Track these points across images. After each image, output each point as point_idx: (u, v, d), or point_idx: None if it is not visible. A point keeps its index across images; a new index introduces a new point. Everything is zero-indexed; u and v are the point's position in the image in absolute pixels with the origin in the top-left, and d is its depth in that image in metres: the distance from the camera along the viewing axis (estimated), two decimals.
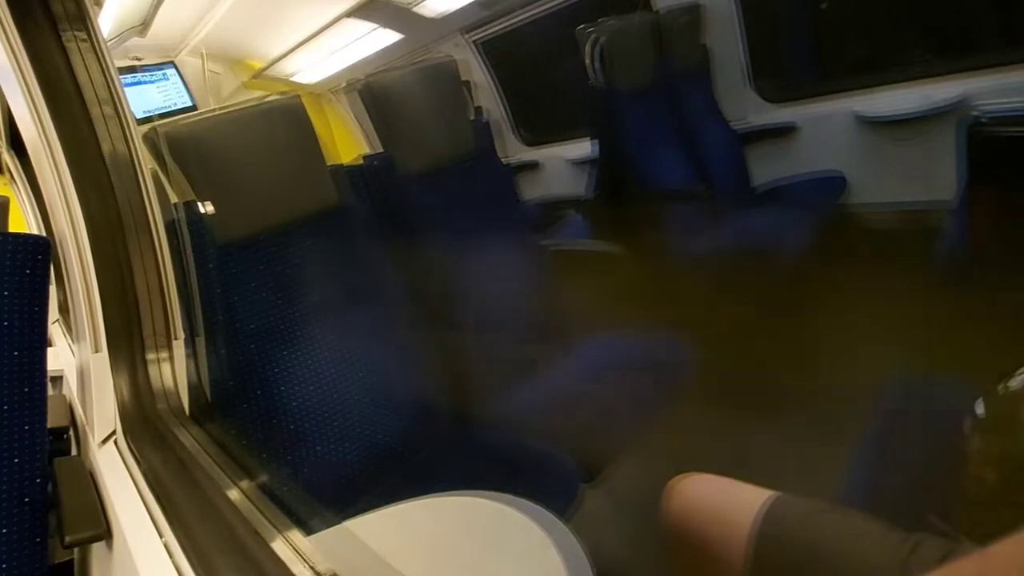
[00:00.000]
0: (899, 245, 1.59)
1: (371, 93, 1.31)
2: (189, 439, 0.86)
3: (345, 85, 2.61)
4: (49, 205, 1.01)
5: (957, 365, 0.94)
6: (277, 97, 1.31)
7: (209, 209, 1.04)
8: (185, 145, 1.04)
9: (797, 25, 1.92)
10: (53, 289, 1.76)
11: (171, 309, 0.98)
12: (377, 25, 2.33)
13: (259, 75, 2.66)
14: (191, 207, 1.03)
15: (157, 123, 1.07)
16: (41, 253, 0.86)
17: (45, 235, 1.30)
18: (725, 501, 0.62)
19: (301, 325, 1.08)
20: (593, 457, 1.02)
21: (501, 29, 2.27)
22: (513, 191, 1.65)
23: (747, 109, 1.90)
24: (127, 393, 0.94)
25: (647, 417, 1.12)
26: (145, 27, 2.25)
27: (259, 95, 2.64)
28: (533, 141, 2.52)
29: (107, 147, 0.93)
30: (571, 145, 2.35)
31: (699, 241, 1.66)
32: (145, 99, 2.43)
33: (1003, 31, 1.48)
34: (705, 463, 0.67)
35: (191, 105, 2.56)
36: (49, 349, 0.91)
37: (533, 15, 2.15)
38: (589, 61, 1.71)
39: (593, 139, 1.87)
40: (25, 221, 2.77)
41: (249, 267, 1.06)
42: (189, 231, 1.03)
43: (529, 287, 1.44)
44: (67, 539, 0.76)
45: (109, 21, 2.07)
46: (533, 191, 2.49)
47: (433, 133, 1.37)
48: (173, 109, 2.51)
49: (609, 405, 1.14)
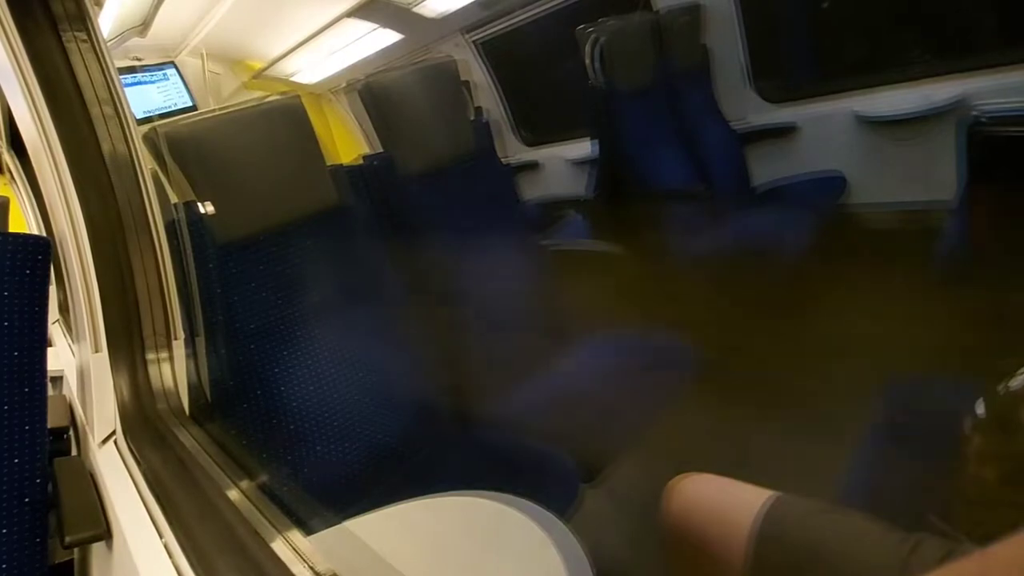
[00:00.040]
0: (899, 245, 1.59)
1: (371, 93, 1.31)
2: (189, 439, 0.86)
3: (345, 85, 2.61)
4: (49, 205, 1.01)
5: (957, 365, 0.94)
6: (277, 97, 1.31)
7: (209, 209, 1.04)
8: (185, 145, 1.04)
9: (797, 25, 1.92)
10: (53, 289, 1.76)
11: (171, 309, 0.98)
12: (377, 25, 2.33)
13: (259, 75, 2.66)
14: (191, 207, 1.03)
15: (157, 123, 1.07)
16: (41, 253, 0.86)
17: (45, 235, 1.30)
18: (725, 501, 0.62)
19: (301, 325, 1.08)
20: (593, 457, 1.02)
21: (501, 29, 2.27)
22: (513, 191, 1.65)
23: (747, 109, 1.90)
24: (127, 393, 0.94)
25: (647, 417, 1.12)
26: (145, 27, 2.25)
27: (259, 95, 2.64)
28: (533, 141, 2.52)
29: (107, 147, 0.93)
30: (571, 145, 2.34)
31: (699, 241, 1.66)
32: (145, 99, 2.43)
33: (1003, 31, 1.48)
34: (705, 463, 0.67)
35: (191, 105, 2.56)
36: (49, 349, 0.91)
37: (533, 15, 2.15)
38: (589, 61, 1.71)
39: (593, 139, 1.87)
40: (25, 221, 2.77)
41: (249, 267, 1.06)
42: (189, 231, 1.03)
43: (529, 287, 1.44)
44: (67, 539, 0.76)
45: (109, 21, 2.07)
46: (533, 191, 2.48)
47: (433, 133, 1.37)
48: (173, 109, 2.51)
49: (609, 405, 1.14)
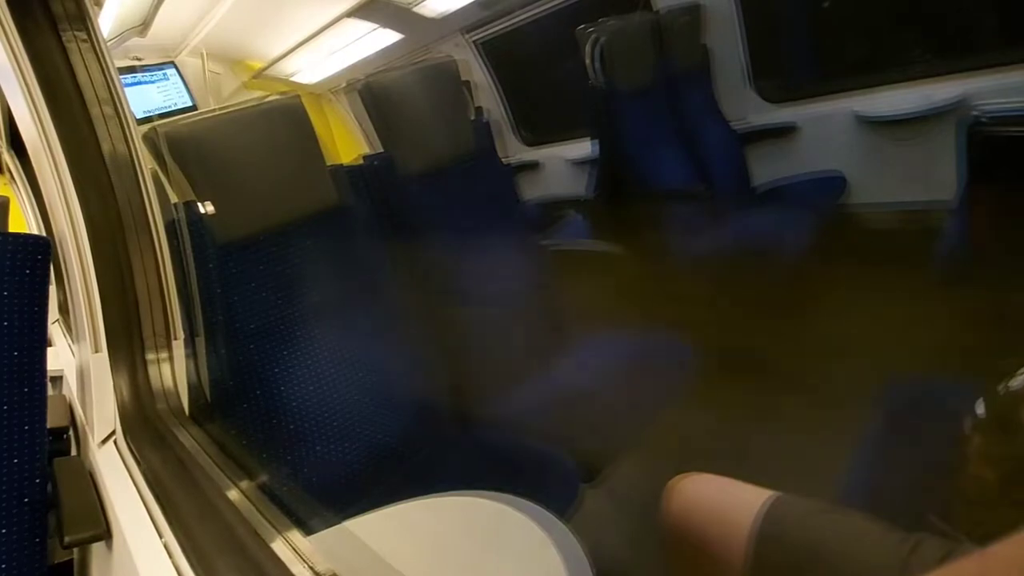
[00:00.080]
0: (899, 245, 1.59)
1: (371, 93, 1.31)
2: (189, 439, 0.86)
3: (345, 85, 2.61)
4: (49, 205, 1.01)
5: (957, 365, 0.94)
6: (277, 97, 1.31)
7: (209, 209, 1.04)
8: (185, 145, 1.04)
9: (797, 25, 1.92)
10: (53, 289, 1.76)
11: (171, 309, 0.98)
12: (377, 25, 2.33)
13: (259, 75, 2.66)
14: (191, 207, 1.03)
15: (157, 123, 1.07)
16: (41, 253, 0.86)
17: (45, 235, 1.30)
18: (725, 501, 0.62)
19: (301, 325, 1.08)
20: (593, 457, 1.02)
21: (501, 29, 2.27)
22: (513, 191, 1.65)
23: (747, 109, 1.90)
24: (127, 393, 0.94)
25: (647, 417, 1.12)
26: (145, 27, 2.25)
27: (259, 95, 2.64)
28: (533, 141, 2.52)
29: (107, 147, 0.93)
30: (571, 145, 2.35)
31: (699, 241, 1.66)
32: (145, 99, 2.43)
33: (1003, 31, 1.48)
34: (705, 462, 0.67)
35: (191, 105, 2.56)
36: (49, 349, 0.91)
37: (533, 15, 2.15)
38: (589, 61, 1.71)
39: (593, 139, 1.87)
40: (25, 221, 2.77)
41: (249, 267, 1.06)
42: (189, 231, 1.03)
43: (529, 287, 1.44)
44: (67, 539, 0.76)
45: (109, 21, 2.07)
46: (533, 191, 2.48)
47: (433, 133, 1.37)
48: (173, 109, 2.51)
49: (609, 405, 1.14)
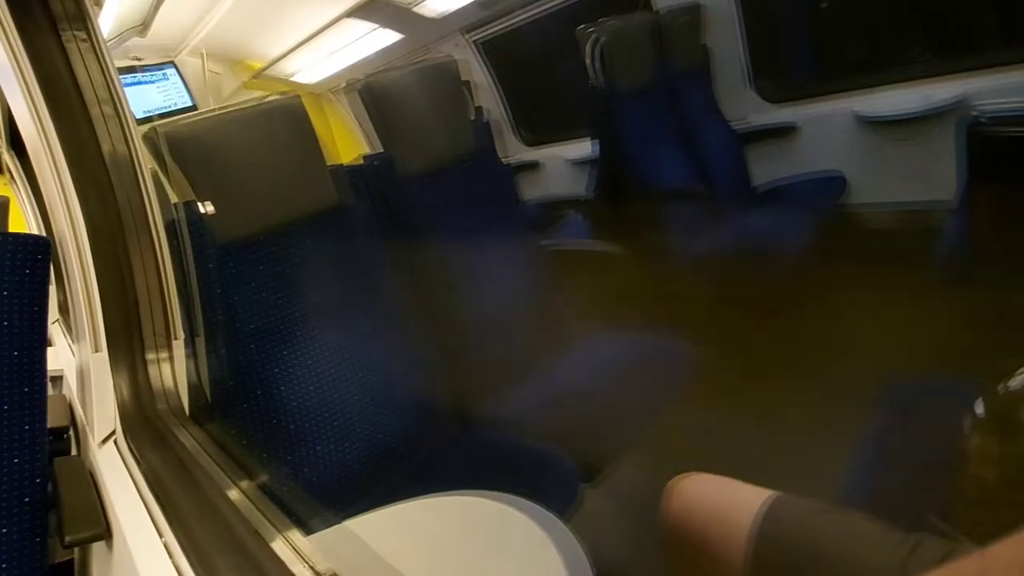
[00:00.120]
0: (899, 245, 1.59)
1: (371, 93, 1.31)
2: (189, 439, 0.86)
3: (345, 85, 2.61)
4: (49, 205, 1.01)
5: (957, 365, 0.94)
6: (277, 97, 1.31)
7: (209, 209, 1.04)
8: (185, 145, 1.04)
9: (797, 25, 1.92)
10: (53, 289, 1.76)
11: (171, 309, 0.98)
12: (377, 25, 2.33)
13: (259, 75, 2.66)
14: (191, 207, 1.03)
15: (157, 123, 1.07)
16: (41, 253, 0.86)
17: (45, 235, 1.30)
18: (725, 501, 0.62)
19: (301, 325, 1.08)
20: (593, 457, 1.02)
21: (501, 29, 2.27)
22: (513, 191, 1.65)
23: (747, 109, 1.90)
24: (127, 393, 0.94)
25: (647, 416, 1.12)
26: (145, 27, 2.25)
27: (259, 95, 2.64)
28: (533, 141, 2.52)
29: (107, 147, 0.93)
30: (571, 145, 2.34)
31: (699, 241, 1.66)
32: (145, 99, 2.43)
33: (1003, 31, 1.48)
34: (705, 462, 0.67)
35: (191, 105, 2.56)
36: (49, 349, 0.91)
37: (533, 15, 2.15)
38: (589, 61, 1.71)
39: (593, 139, 1.87)
40: (25, 221, 2.77)
41: (249, 267, 1.06)
42: (189, 231, 1.03)
43: (529, 287, 1.44)
44: (67, 539, 0.76)
45: (109, 21, 2.07)
46: (533, 191, 2.48)
47: (433, 133, 1.37)
48: (173, 109, 2.51)
49: (609, 404, 1.14)
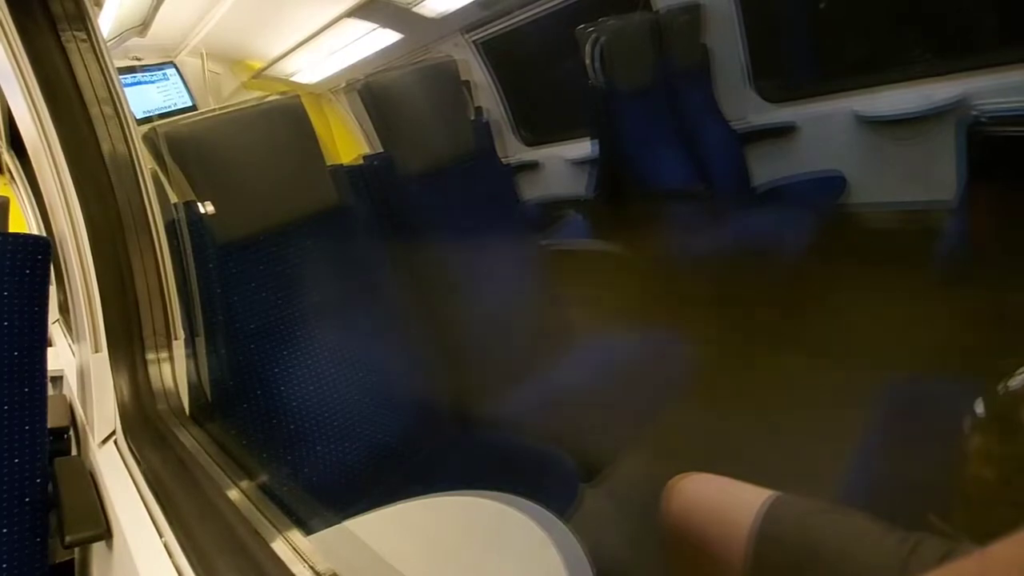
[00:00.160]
0: (899, 245, 1.59)
1: (371, 93, 1.31)
2: (189, 439, 0.86)
3: (345, 85, 2.61)
4: (49, 205, 1.01)
5: (957, 365, 0.94)
6: (277, 97, 1.31)
7: (209, 209, 1.04)
8: (185, 145, 1.04)
9: (797, 25, 1.92)
10: (53, 289, 1.76)
11: (171, 309, 0.98)
12: (377, 25, 2.33)
13: (259, 75, 2.66)
14: (191, 207, 1.03)
15: (157, 123, 1.07)
16: (41, 253, 0.86)
17: (45, 235, 1.30)
18: (725, 501, 0.62)
19: (301, 325, 1.08)
20: (593, 457, 1.02)
21: (501, 29, 2.27)
22: (513, 191, 1.65)
23: (747, 109, 1.90)
24: (127, 393, 0.94)
25: (646, 416, 1.12)
26: (145, 27, 2.25)
27: (259, 95, 2.64)
28: (533, 141, 2.52)
29: (107, 147, 0.93)
30: (571, 145, 2.34)
31: (699, 241, 1.66)
32: (145, 99, 2.43)
33: (1003, 31, 1.48)
34: (704, 462, 0.67)
35: (191, 105, 2.56)
36: (49, 349, 0.91)
37: (533, 15, 2.15)
38: (589, 61, 1.71)
39: (593, 139, 1.87)
40: (25, 221, 2.77)
41: (249, 267, 1.06)
42: (189, 231, 1.03)
43: (529, 287, 1.44)
44: (67, 539, 0.76)
45: (109, 21, 2.07)
46: (533, 191, 2.48)
47: (433, 133, 1.37)
48: (173, 109, 2.51)
49: (609, 404, 1.14)
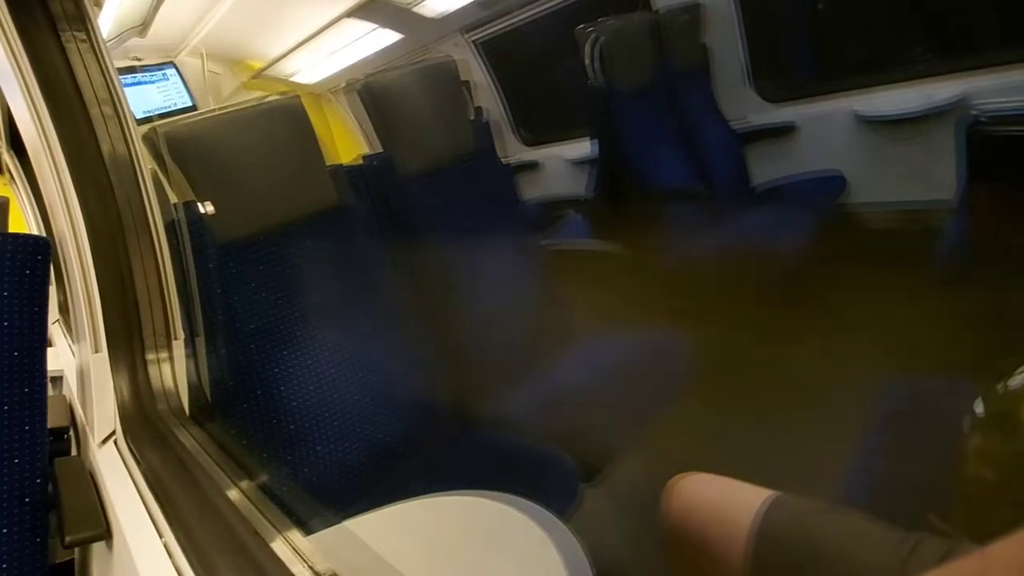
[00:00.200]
0: (899, 244, 1.59)
1: (371, 93, 1.31)
2: (189, 439, 0.86)
3: (345, 85, 2.61)
4: (49, 205, 1.01)
5: (956, 364, 0.94)
6: (277, 97, 1.31)
7: (209, 209, 1.04)
8: (185, 145, 1.04)
9: (797, 25, 1.92)
10: (53, 289, 1.76)
11: (171, 309, 0.98)
12: (377, 25, 2.33)
13: (259, 75, 2.66)
14: (191, 207, 1.03)
15: (157, 123, 1.07)
16: (41, 253, 0.86)
17: (45, 235, 1.30)
18: (725, 501, 0.62)
19: (301, 325, 1.08)
20: (593, 457, 1.02)
21: (501, 29, 2.27)
22: (513, 191, 1.65)
23: (747, 109, 1.90)
24: (127, 393, 0.94)
25: (647, 416, 1.12)
26: (145, 27, 2.25)
27: (259, 95, 2.64)
28: (533, 141, 2.52)
29: (107, 147, 0.94)
30: (571, 145, 2.34)
31: (699, 240, 1.66)
32: (145, 99, 2.43)
33: (1003, 31, 1.48)
34: (704, 462, 0.67)
35: (191, 105, 2.56)
36: (49, 349, 0.91)
37: (533, 15, 2.15)
38: (589, 61, 1.71)
39: (593, 139, 1.87)
40: (25, 221, 2.77)
41: (249, 267, 1.06)
42: (189, 231, 1.03)
43: (529, 287, 1.44)
44: (67, 539, 0.76)
45: (109, 21, 2.07)
46: (533, 191, 2.48)
47: (433, 133, 1.37)
48: (173, 109, 2.51)
49: (609, 404, 1.14)
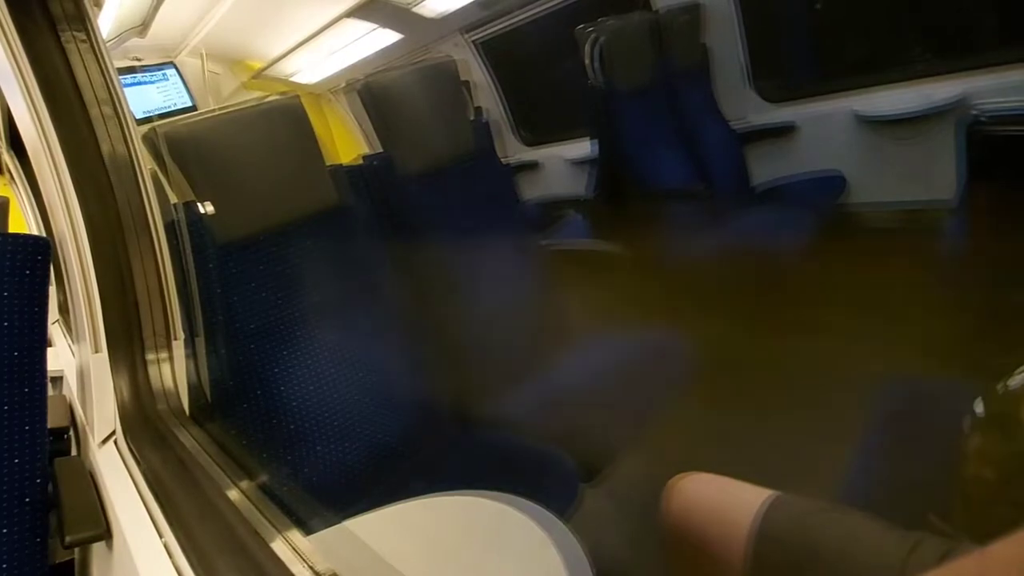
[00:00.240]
0: (899, 244, 1.59)
1: (370, 93, 1.31)
2: (189, 439, 0.86)
3: (345, 85, 2.61)
4: (49, 205, 1.01)
5: (957, 365, 0.94)
6: (276, 97, 1.31)
7: (209, 209, 1.04)
8: (185, 145, 1.04)
9: (797, 25, 1.92)
10: (53, 289, 1.76)
11: (171, 309, 0.98)
12: (377, 25, 2.33)
13: (259, 75, 2.66)
14: (191, 207, 1.03)
15: (157, 123, 1.07)
16: (41, 253, 0.86)
17: (45, 235, 1.30)
18: (725, 501, 0.62)
19: (301, 325, 1.08)
20: (593, 457, 1.02)
21: (501, 29, 2.27)
22: (513, 191, 1.65)
23: (747, 109, 1.89)
24: (127, 393, 0.94)
25: (646, 416, 1.12)
26: (145, 27, 2.25)
27: (259, 95, 2.64)
28: (533, 141, 2.52)
29: (106, 147, 0.94)
30: (571, 145, 2.34)
31: (699, 240, 1.66)
32: (145, 99, 2.43)
33: (1003, 31, 1.48)
34: (704, 462, 0.67)
35: (191, 105, 2.56)
36: (49, 349, 0.91)
37: (533, 15, 2.15)
38: (589, 61, 1.71)
39: (593, 139, 1.87)
40: (25, 221, 2.77)
41: (249, 267, 1.06)
42: (189, 231, 1.03)
43: (529, 286, 1.44)
44: (67, 539, 0.76)
45: (109, 21, 2.07)
46: (533, 191, 2.48)
47: (433, 133, 1.37)
48: (173, 109, 2.51)
49: (609, 404, 1.14)
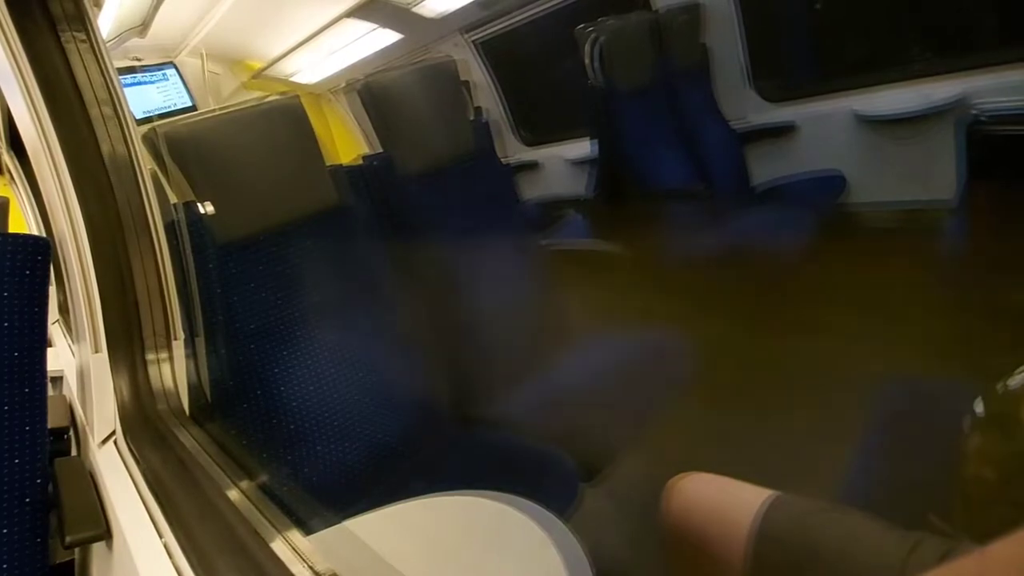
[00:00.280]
0: (899, 244, 1.59)
1: (370, 93, 1.31)
2: (189, 439, 0.86)
3: (344, 85, 2.61)
4: (49, 205, 1.01)
5: (957, 364, 0.94)
6: (276, 97, 1.31)
7: (209, 209, 1.04)
8: (185, 145, 1.04)
9: (797, 25, 1.92)
10: (53, 289, 1.76)
11: (171, 309, 0.98)
12: (377, 25, 2.33)
13: (259, 75, 2.66)
14: (191, 207, 1.03)
15: (157, 123, 1.07)
16: (41, 253, 0.86)
17: (45, 235, 1.30)
18: (725, 500, 0.62)
19: (301, 325, 1.08)
20: (593, 457, 1.02)
21: (500, 29, 2.27)
22: (513, 191, 1.65)
23: (747, 108, 1.89)
24: (127, 393, 0.94)
25: (646, 416, 1.12)
26: (145, 27, 2.25)
27: (258, 95, 2.64)
28: (533, 141, 2.52)
29: (106, 148, 0.94)
30: (571, 145, 2.34)
31: (699, 240, 1.66)
32: (145, 99, 2.43)
33: (1003, 31, 1.48)
34: (704, 462, 0.67)
35: (191, 105, 2.56)
36: (49, 349, 0.91)
37: (533, 15, 2.15)
38: (588, 61, 1.71)
39: (593, 139, 1.87)
40: (25, 221, 2.77)
41: (249, 267, 1.06)
42: (189, 231, 1.03)
43: (529, 286, 1.44)
44: (67, 539, 0.76)
45: (109, 21, 2.07)
46: (533, 191, 2.48)
47: (433, 133, 1.37)
48: (173, 109, 2.51)
49: (609, 404, 1.14)
